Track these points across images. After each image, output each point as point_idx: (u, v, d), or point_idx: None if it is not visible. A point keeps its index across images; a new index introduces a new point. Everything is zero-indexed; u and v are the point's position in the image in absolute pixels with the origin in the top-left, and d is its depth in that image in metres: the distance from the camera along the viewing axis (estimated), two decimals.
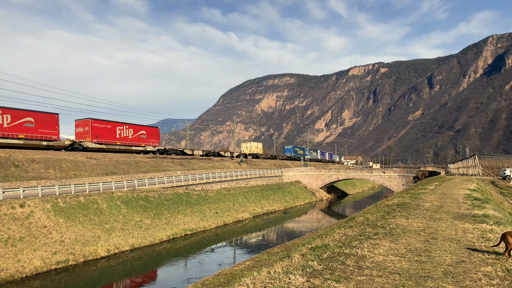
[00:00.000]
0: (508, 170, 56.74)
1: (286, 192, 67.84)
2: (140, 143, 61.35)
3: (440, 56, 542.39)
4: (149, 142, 63.33)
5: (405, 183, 69.18)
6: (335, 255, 8.06)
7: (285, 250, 14.42)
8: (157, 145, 65.16)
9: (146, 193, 40.51)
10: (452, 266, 7.23)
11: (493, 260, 7.68)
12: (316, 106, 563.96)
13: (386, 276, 6.59)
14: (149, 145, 63.28)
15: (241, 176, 62.63)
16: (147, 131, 63.39)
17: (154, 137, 64.92)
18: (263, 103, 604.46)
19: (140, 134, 61.77)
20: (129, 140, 58.98)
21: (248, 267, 12.58)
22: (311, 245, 9.54)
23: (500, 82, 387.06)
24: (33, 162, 40.96)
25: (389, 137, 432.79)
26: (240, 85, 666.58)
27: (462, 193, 22.40)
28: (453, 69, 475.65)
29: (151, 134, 64.30)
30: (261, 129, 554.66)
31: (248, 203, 54.23)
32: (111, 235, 31.58)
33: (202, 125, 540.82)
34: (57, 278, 24.85)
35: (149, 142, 63.33)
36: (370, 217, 14.10)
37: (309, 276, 6.57)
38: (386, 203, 19.07)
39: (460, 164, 71.69)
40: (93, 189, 37.73)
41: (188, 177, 52.01)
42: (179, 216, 40.33)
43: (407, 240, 9.54)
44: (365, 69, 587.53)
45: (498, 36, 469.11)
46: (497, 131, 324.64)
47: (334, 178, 78.12)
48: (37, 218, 28.48)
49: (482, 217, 12.97)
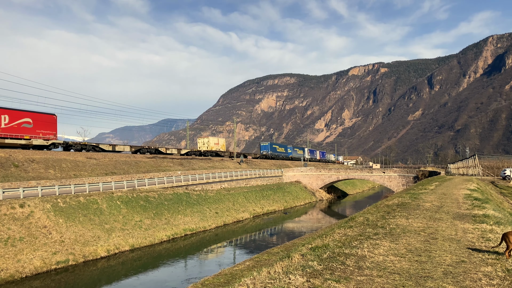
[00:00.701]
0: (508, 170, 56.73)
1: (286, 192, 67.83)
2: (22, 135, 46.68)
3: (440, 56, 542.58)
4: (38, 134, 48.70)
5: (405, 183, 69.17)
6: (335, 255, 8.05)
7: (285, 250, 14.41)
8: (52, 138, 50.23)
9: (146, 193, 40.50)
10: (452, 266, 7.22)
11: (493, 260, 7.67)
12: (316, 106, 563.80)
13: (386, 276, 6.58)
14: (38, 138, 48.35)
15: (241, 176, 62.62)
16: (35, 119, 47.99)
17: (47, 127, 50.09)
18: (263, 103, 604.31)
19: (22, 122, 47.01)
20: (1, 130, 44.39)
21: (248, 267, 12.58)
22: (311, 245, 9.53)
23: (500, 82, 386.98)
24: (33, 162, 40.95)
25: (389, 137, 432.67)
26: (240, 85, 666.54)
27: (462, 193, 22.40)
28: (453, 69, 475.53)
29: (42, 123, 49.19)
30: (261, 129, 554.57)
31: (248, 203, 54.21)
32: (111, 235, 31.57)
33: (202, 125, 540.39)
34: (57, 278, 24.84)
35: (38, 133, 48.76)
36: (370, 217, 14.10)
37: (309, 276, 6.57)
38: (386, 203, 19.06)
39: (460, 164, 71.68)
40: (93, 189, 37.72)
41: (188, 177, 51.99)
42: (179, 216, 40.32)
43: (407, 240, 9.53)
44: (365, 69, 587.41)
45: (498, 36, 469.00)
46: (497, 131, 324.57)
47: (334, 178, 78.11)
48: (37, 218, 28.47)
49: (482, 217, 12.96)
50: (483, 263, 7.43)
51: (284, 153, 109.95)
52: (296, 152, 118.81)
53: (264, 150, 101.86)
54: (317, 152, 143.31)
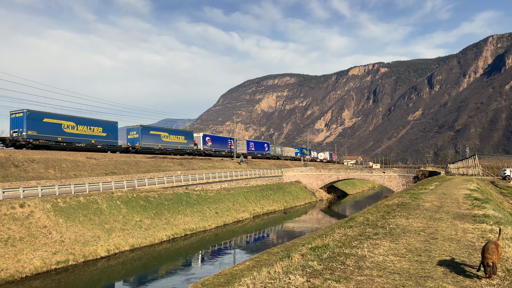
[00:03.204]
0: (508, 170, 56.73)
1: (286, 192, 67.84)
2: None
3: (440, 56, 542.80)
4: None
5: (405, 183, 69.18)
6: (335, 255, 8.05)
7: (285, 250, 14.40)
8: None
9: (146, 193, 40.51)
10: (452, 266, 7.22)
11: None
12: (316, 106, 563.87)
13: (386, 276, 6.58)
14: None
15: (241, 176, 62.62)
16: None
17: None
18: (263, 103, 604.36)
19: None
20: None
21: (248, 267, 12.57)
22: (311, 245, 9.53)
23: (500, 82, 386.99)
24: (33, 162, 40.93)
25: (389, 137, 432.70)
26: (240, 85, 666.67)
27: (462, 193, 22.39)
28: (453, 69, 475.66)
29: None
30: (261, 129, 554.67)
31: (248, 203, 54.22)
32: (111, 235, 31.58)
33: (202, 125, 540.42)
34: (57, 278, 24.85)
35: None
36: (370, 217, 14.09)
37: (309, 276, 6.57)
38: (386, 203, 19.06)
39: (460, 164, 71.67)
40: (93, 189, 37.72)
41: (188, 177, 51.99)
42: (179, 216, 40.32)
43: (407, 240, 9.53)
44: (365, 69, 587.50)
45: (498, 36, 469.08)
46: (497, 131, 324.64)
47: (334, 178, 78.13)
48: (37, 218, 28.47)
49: (482, 217, 12.96)
50: None
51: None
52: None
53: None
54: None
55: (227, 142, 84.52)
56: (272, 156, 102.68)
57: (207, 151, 75.29)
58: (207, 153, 75.41)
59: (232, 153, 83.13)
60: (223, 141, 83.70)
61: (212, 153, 77.18)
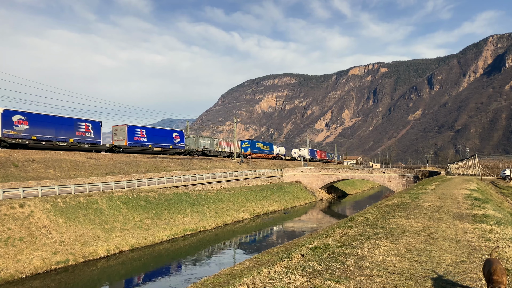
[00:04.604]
0: (508, 170, 56.73)
1: (286, 192, 67.83)
2: None
3: (440, 56, 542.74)
4: None
5: (405, 183, 69.17)
6: (335, 255, 8.05)
7: (285, 250, 14.40)
8: None
9: (146, 193, 40.50)
10: (452, 266, 7.23)
11: None
12: (316, 106, 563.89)
13: (386, 276, 6.58)
14: None
15: (241, 176, 62.61)
16: None
17: None
18: (263, 103, 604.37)
19: None
20: None
21: (248, 267, 12.57)
22: (311, 245, 9.53)
23: (500, 82, 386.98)
24: (33, 162, 40.94)
25: (389, 137, 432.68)
26: (240, 85, 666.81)
27: (462, 193, 22.39)
28: (453, 69, 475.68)
29: None
30: (261, 129, 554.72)
31: (248, 203, 54.21)
32: (111, 235, 31.57)
33: (202, 125, 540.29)
34: (57, 278, 24.84)
35: None
36: (370, 217, 14.09)
37: (309, 276, 6.57)
38: (386, 203, 19.06)
39: (460, 164, 71.68)
40: (93, 189, 37.72)
41: (188, 177, 51.99)
42: (179, 216, 40.32)
43: (407, 240, 9.53)
44: (365, 69, 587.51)
45: (498, 36, 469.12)
46: (497, 131, 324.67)
47: (334, 178, 78.13)
48: (37, 218, 28.47)
49: (482, 217, 12.96)
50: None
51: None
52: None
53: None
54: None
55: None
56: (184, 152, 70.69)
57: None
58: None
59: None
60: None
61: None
